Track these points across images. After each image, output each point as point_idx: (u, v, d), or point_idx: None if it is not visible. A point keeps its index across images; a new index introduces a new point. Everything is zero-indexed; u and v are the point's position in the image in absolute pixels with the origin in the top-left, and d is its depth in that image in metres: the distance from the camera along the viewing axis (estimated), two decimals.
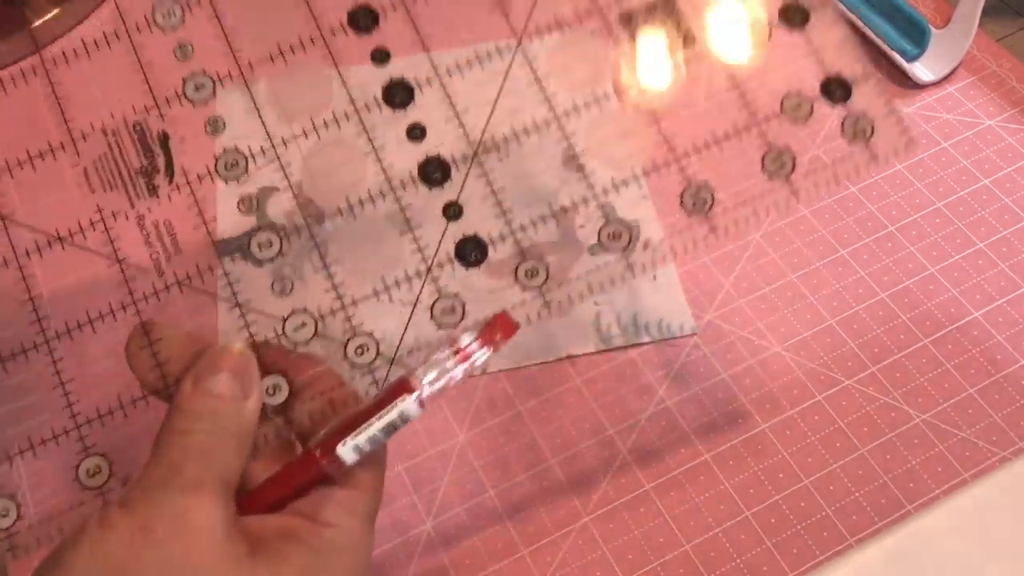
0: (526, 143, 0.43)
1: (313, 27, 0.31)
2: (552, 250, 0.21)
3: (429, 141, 0.36)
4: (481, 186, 0.35)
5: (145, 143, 0.38)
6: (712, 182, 0.27)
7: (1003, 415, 0.34)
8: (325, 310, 0.29)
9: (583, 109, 0.32)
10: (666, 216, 0.37)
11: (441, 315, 0.27)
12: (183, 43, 0.30)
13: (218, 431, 0.23)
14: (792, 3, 0.26)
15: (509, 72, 0.34)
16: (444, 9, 0.33)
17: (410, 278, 0.30)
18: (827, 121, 0.25)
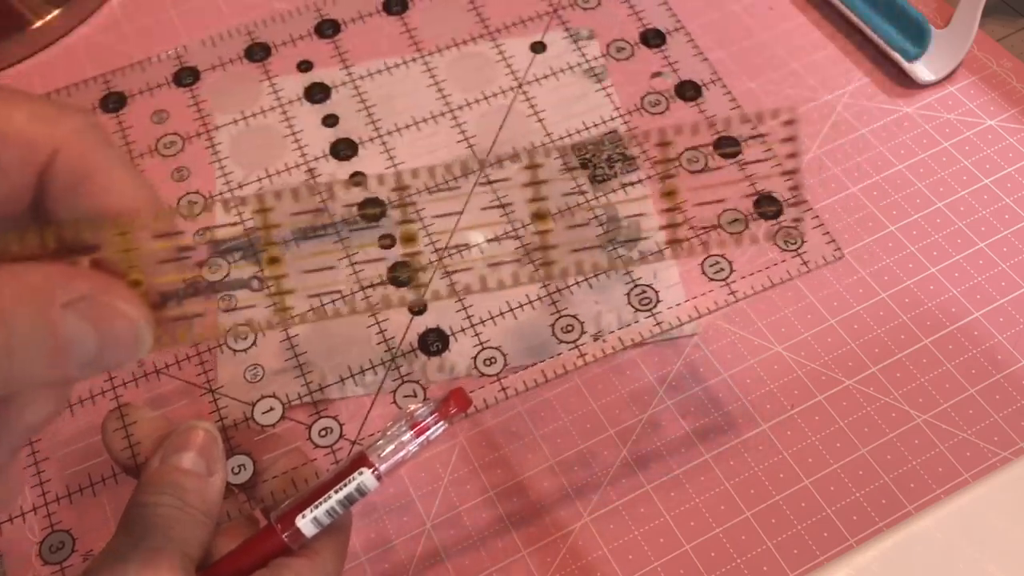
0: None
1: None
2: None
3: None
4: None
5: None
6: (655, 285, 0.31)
7: (1004, 415, 0.34)
8: (292, 396, 0.30)
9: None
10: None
11: (403, 400, 0.29)
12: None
13: (181, 505, 0.24)
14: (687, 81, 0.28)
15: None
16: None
17: (374, 366, 0.32)
18: (760, 230, 0.27)
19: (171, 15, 0.48)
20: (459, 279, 0.21)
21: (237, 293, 0.20)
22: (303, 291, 0.21)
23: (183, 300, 0.20)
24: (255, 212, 0.20)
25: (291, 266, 0.21)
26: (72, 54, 0.47)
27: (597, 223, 0.30)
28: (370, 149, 0.43)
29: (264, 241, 0.20)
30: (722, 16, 0.46)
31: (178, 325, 0.20)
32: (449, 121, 0.43)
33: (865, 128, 0.41)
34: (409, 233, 0.21)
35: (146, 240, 0.19)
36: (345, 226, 0.20)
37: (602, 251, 0.22)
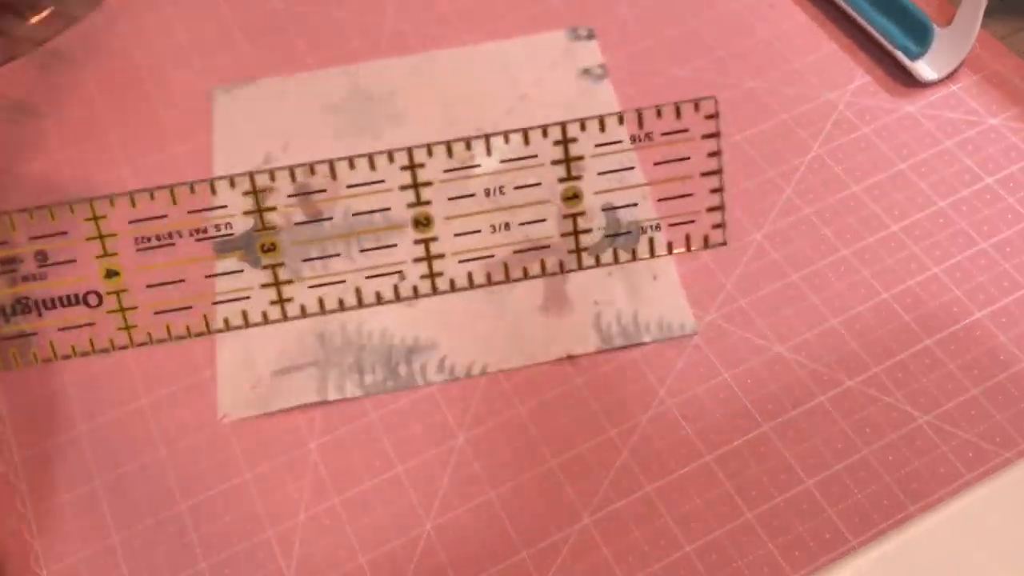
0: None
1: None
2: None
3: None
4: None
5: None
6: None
7: (1006, 416, 0.34)
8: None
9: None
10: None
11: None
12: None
13: None
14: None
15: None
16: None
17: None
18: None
19: (168, 13, 0.48)
20: (329, 292, 0.19)
21: (72, 309, 0.19)
22: (149, 306, 0.19)
23: (11, 318, 0.19)
24: (87, 220, 0.19)
25: (131, 278, 0.19)
26: (69, 52, 0.47)
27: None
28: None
29: (102, 252, 0.19)
30: (723, 14, 0.46)
31: (9, 345, 0.19)
32: (447, 120, 0.43)
33: (867, 127, 0.41)
34: (268, 241, 0.19)
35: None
36: (191, 235, 0.19)
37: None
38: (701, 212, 0.20)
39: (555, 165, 0.20)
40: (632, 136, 0.19)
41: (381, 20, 0.47)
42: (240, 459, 0.35)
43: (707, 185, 0.20)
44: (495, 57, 0.45)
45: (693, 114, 0.19)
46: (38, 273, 0.19)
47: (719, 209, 0.20)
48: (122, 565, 0.33)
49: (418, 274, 0.20)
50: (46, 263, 0.19)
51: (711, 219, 0.20)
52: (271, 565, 0.32)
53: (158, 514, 0.34)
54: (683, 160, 0.20)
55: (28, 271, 0.19)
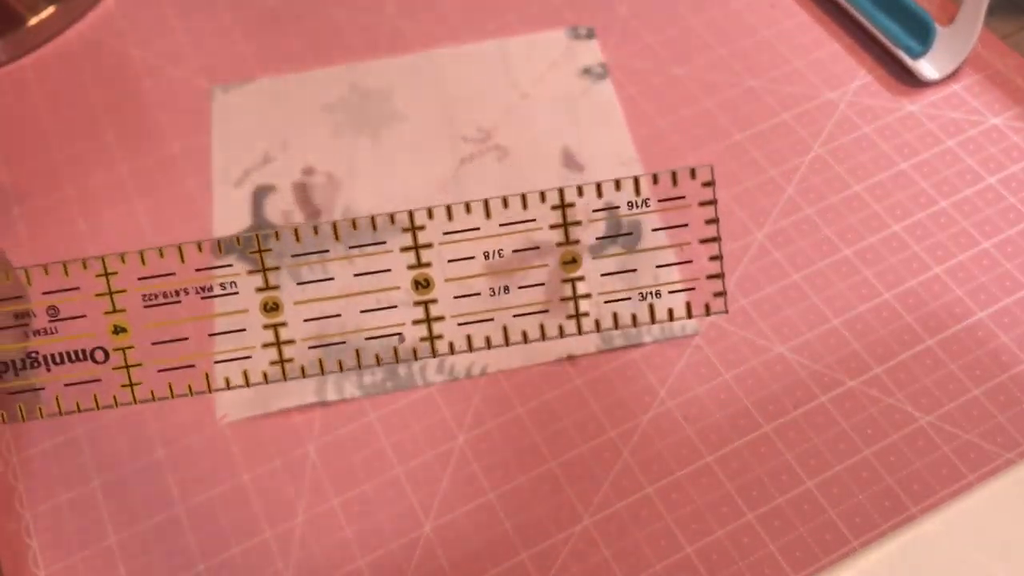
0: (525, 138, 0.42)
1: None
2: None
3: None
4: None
5: None
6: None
7: (1008, 416, 0.34)
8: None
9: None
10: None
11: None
12: None
13: None
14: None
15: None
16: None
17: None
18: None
19: (167, 12, 0.48)
20: (329, 354, 0.19)
21: (79, 365, 0.19)
22: (153, 364, 0.19)
23: (20, 372, 0.19)
24: (98, 276, 0.19)
25: (138, 335, 0.19)
26: (68, 52, 0.47)
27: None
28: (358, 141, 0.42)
29: (111, 308, 0.19)
30: (723, 14, 0.46)
31: (17, 399, 0.19)
32: (446, 119, 0.43)
33: (868, 126, 0.41)
34: (271, 301, 0.19)
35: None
36: (196, 294, 0.19)
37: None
38: (701, 280, 0.20)
39: (553, 229, 0.20)
40: (629, 202, 0.20)
41: (380, 19, 0.47)
42: (239, 460, 0.35)
43: (706, 252, 0.20)
44: (495, 56, 0.45)
45: (690, 181, 0.20)
46: (49, 328, 0.19)
47: (719, 277, 0.20)
48: (120, 566, 0.33)
49: (418, 336, 0.20)
50: (57, 318, 0.19)
51: (711, 287, 0.20)
52: (269, 567, 0.32)
53: (156, 515, 0.34)
54: (681, 227, 0.20)
55: (40, 325, 0.19)
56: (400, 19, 0.47)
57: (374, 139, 0.42)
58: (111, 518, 0.34)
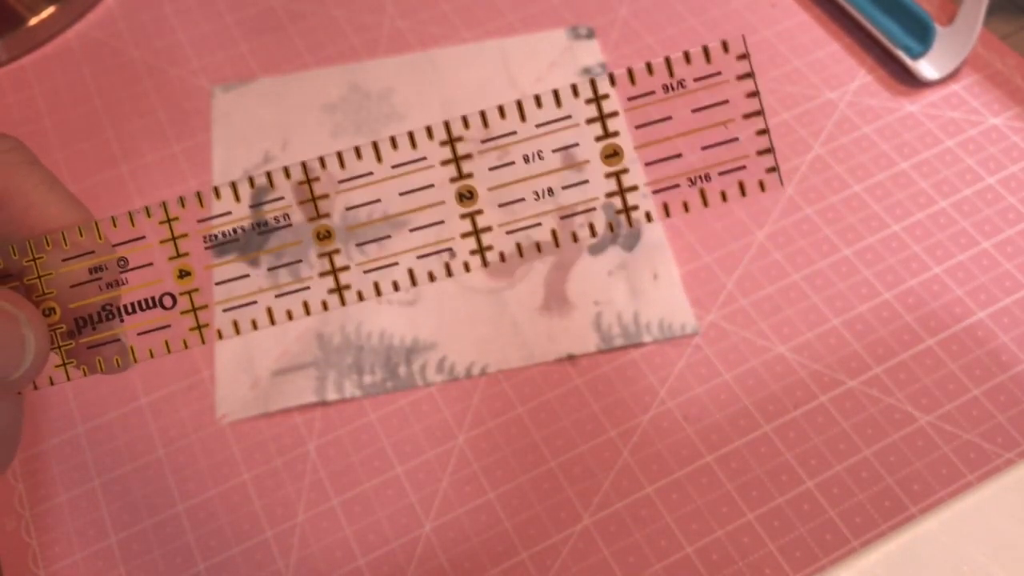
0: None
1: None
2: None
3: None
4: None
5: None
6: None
7: (1008, 417, 0.34)
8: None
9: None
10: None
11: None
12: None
13: None
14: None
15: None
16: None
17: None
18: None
19: (167, 12, 0.48)
20: (384, 276, 0.19)
21: (149, 312, 0.19)
22: (218, 304, 0.19)
23: (97, 326, 0.19)
24: (160, 222, 0.19)
25: (201, 277, 0.19)
26: (68, 51, 0.47)
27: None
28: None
29: (175, 252, 0.19)
30: (724, 13, 0.46)
31: (95, 352, 0.19)
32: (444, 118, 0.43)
33: (868, 126, 0.41)
34: (325, 229, 0.19)
35: (57, 264, 0.19)
36: (254, 230, 0.19)
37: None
38: (751, 156, 0.19)
39: (590, 124, 0.19)
40: (664, 85, 0.19)
41: (380, 19, 0.47)
42: (239, 460, 0.35)
43: (751, 127, 0.19)
44: (495, 56, 0.45)
45: (723, 56, 0.19)
46: (120, 279, 0.19)
47: (769, 152, 0.19)
48: (120, 566, 0.33)
49: (467, 249, 0.19)
50: (127, 268, 0.19)
51: (763, 163, 0.19)
52: (270, 566, 0.32)
53: (157, 515, 0.34)
54: (722, 104, 0.19)
55: (111, 278, 0.19)
56: (400, 19, 0.47)
57: (374, 139, 0.42)
58: (111, 518, 0.34)
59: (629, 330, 0.36)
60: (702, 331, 0.36)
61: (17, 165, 0.19)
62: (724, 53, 0.19)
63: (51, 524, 0.34)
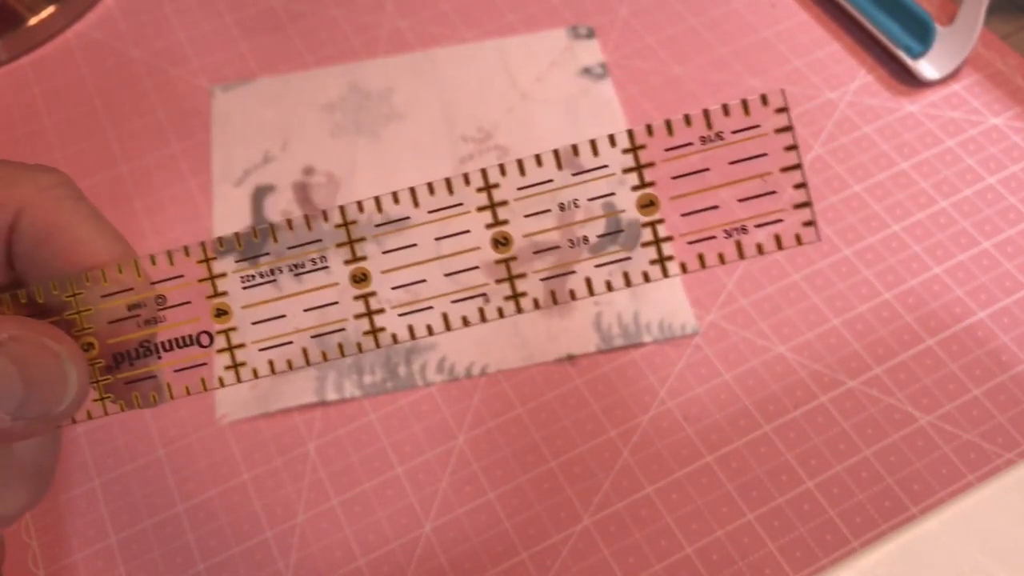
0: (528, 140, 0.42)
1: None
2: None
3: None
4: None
5: None
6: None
7: (1008, 417, 0.34)
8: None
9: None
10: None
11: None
12: None
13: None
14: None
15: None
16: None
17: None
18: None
19: (167, 12, 0.48)
20: (418, 319, 0.20)
21: (187, 350, 0.20)
22: (253, 344, 0.20)
23: (135, 362, 0.20)
24: (199, 262, 0.20)
25: (238, 316, 0.20)
26: (68, 51, 0.47)
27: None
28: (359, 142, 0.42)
29: (212, 292, 0.20)
30: (724, 13, 0.45)
31: (132, 388, 0.20)
32: (446, 119, 0.43)
33: (868, 126, 0.41)
34: (361, 272, 0.20)
35: (96, 300, 0.19)
36: (290, 271, 0.20)
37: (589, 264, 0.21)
38: (788, 209, 0.19)
39: (627, 173, 0.19)
40: (702, 137, 0.19)
41: (380, 18, 0.47)
42: (239, 460, 0.35)
43: (789, 180, 0.19)
44: (495, 55, 0.45)
45: (762, 108, 0.19)
46: (158, 316, 0.20)
47: (807, 205, 0.19)
48: (120, 566, 0.33)
49: (501, 295, 0.20)
50: (165, 306, 0.20)
51: (800, 216, 0.19)
52: (269, 566, 0.32)
53: (157, 515, 0.34)
54: (760, 156, 0.19)
55: (149, 315, 0.20)
56: (400, 19, 0.47)
57: (374, 139, 0.42)
58: (111, 518, 0.34)
59: (629, 330, 0.36)
60: (702, 331, 0.36)
61: (64, 200, 0.19)
62: (763, 106, 0.19)
63: (51, 524, 0.34)
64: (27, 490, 0.20)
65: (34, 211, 0.19)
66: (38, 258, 0.19)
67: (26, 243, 0.19)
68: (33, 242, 0.19)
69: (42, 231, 0.19)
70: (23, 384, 0.17)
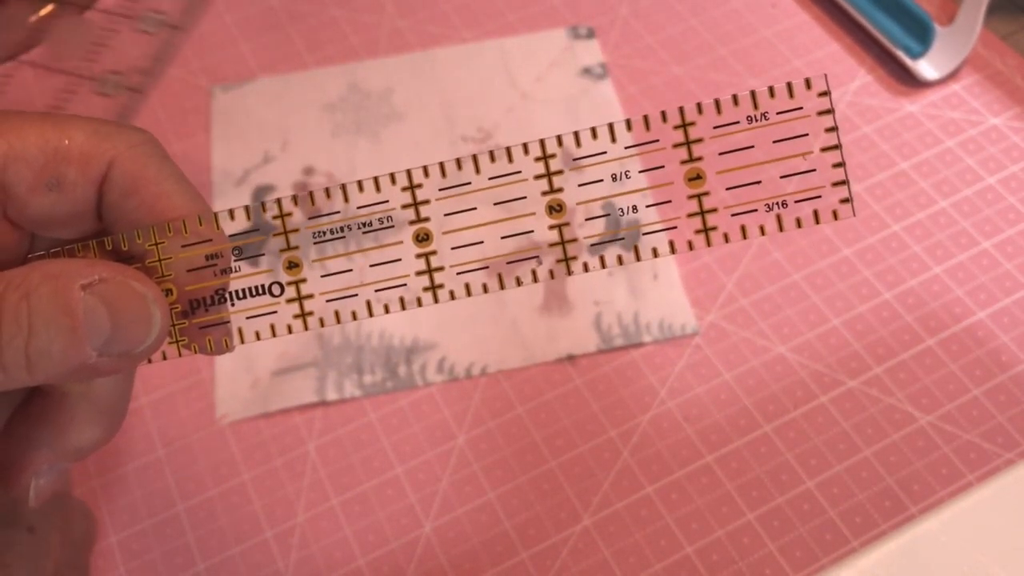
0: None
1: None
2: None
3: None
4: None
5: None
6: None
7: (1008, 417, 0.34)
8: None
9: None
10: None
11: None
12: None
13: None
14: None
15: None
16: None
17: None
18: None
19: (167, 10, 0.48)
20: (474, 279, 0.21)
21: (258, 299, 0.21)
22: (321, 295, 0.21)
23: (209, 308, 0.21)
24: (274, 217, 0.21)
25: (309, 271, 0.21)
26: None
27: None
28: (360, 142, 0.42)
29: (286, 245, 0.21)
30: (724, 13, 0.46)
31: (206, 333, 0.21)
32: (446, 119, 0.43)
33: (868, 126, 0.41)
34: (424, 231, 0.21)
35: (177, 249, 0.20)
36: (359, 229, 0.21)
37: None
38: (826, 187, 0.21)
39: (676, 148, 0.21)
40: (749, 116, 0.20)
41: (380, 18, 0.47)
42: (239, 460, 0.35)
43: (828, 160, 0.21)
44: (495, 55, 0.45)
45: (805, 92, 0.20)
46: (234, 266, 0.21)
47: (844, 184, 0.21)
48: (120, 566, 0.33)
49: (553, 259, 0.21)
50: (241, 257, 0.21)
51: (837, 193, 0.21)
52: (269, 566, 0.32)
53: (157, 515, 0.34)
54: (801, 137, 0.20)
55: (225, 264, 0.21)
56: (400, 19, 0.47)
57: (374, 139, 0.42)
58: (111, 518, 0.34)
59: (629, 330, 0.36)
60: (702, 331, 0.36)
61: (151, 156, 0.21)
62: (807, 89, 0.20)
63: None
64: (102, 426, 0.21)
65: (124, 164, 0.20)
66: (125, 207, 0.20)
67: (115, 193, 0.20)
68: (122, 192, 0.20)
69: (131, 183, 0.20)
70: (111, 323, 0.18)
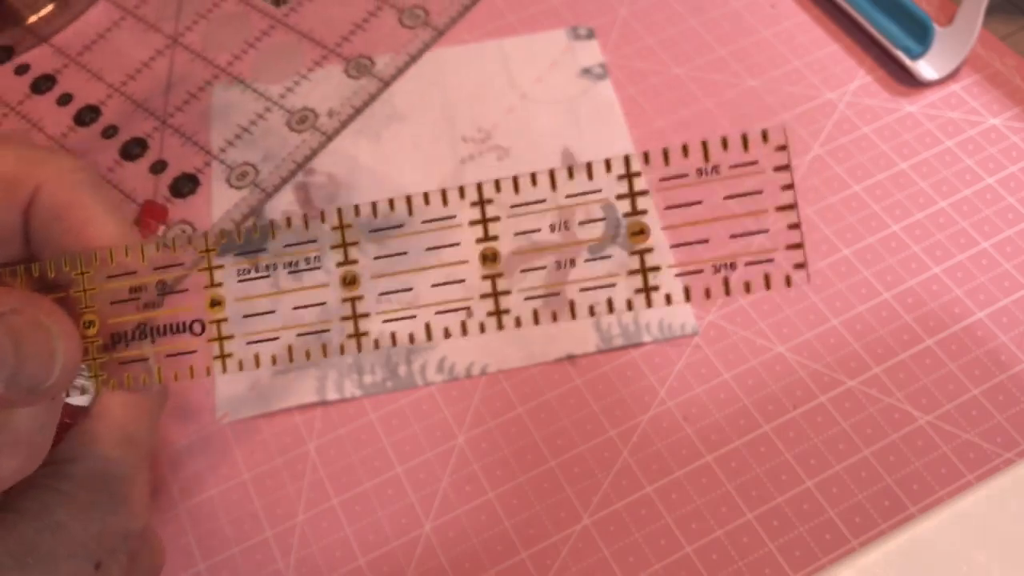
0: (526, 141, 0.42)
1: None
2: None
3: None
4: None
5: None
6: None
7: (1007, 416, 0.34)
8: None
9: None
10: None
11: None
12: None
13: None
14: None
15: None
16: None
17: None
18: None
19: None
20: (401, 327, 0.20)
21: (179, 336, 0.20)
22: (242, 337, 0.20)
23: (130, 343, 0.20)
24: (200, 252, 0.20)
25: (231, 308, 0.20)
26: (67, 50, 0.47)
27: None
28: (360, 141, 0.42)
29: (209, 283, 0.20)
30: (723, 13, 0.46)
31: (125, 369, 0.20)
32: (446, 119, 0.43)
33: (867, 127, 0.41)
34: (350, 275, 0.20)
35: (102, 280, 0.20)
36: (284, 268, 0.20)
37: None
38: (780, 249, 0.19)
39: (620, 200, 0.19)
40: (698, 169, 0.19)
41: (380, 19, 0.47)
42: (239, 459, 0.35)
43: (784, 220, 0.19)
44: (495, 56, 0.45)
45: (761, 145, 0.18)
46: (157, 301, 0.20)
47: (799, 247, 0.19)
48: None
49: (485, 310, 0.20)
50: (164, 292, 0.20)
51: (791, 257, 0.19)
52: (270, 566, 0.32)
53: (157, 515, 0.34)
54: (755, 194, 0.19)
55: (149, 299, 0.20)
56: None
57: (374, 139, 0.42)
58: None
59: (629, 330, 0.36)
60: (702, 331, 0.36)
61: (81, 183, 0.20)
62: (763, 143, 0.18)
63: None
64: (19, 457, 0.20)
65: (52, 189, 0.20)
66: (51, 233, 0.20)
67: (42, 218, 0.20)
68: (48, 217, 0.20)
69: (57, 208, 0.20)
70: (14, 357, 0.18)
